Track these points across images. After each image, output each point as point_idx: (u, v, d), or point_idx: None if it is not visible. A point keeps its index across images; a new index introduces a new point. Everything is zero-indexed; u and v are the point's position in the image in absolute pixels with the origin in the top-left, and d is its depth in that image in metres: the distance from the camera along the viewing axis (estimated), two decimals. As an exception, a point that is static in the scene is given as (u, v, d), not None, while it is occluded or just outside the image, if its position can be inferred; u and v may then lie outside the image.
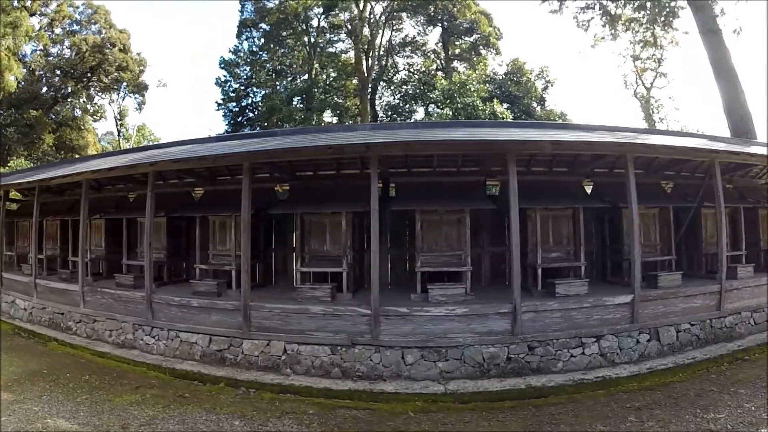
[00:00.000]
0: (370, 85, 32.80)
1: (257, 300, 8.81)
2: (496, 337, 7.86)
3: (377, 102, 36.78)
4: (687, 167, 11.58)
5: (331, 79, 34.75)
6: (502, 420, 6.31)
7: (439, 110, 28.24)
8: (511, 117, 25.39)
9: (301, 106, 33.09)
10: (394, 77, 37.38)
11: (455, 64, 36.09)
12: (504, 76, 32.66)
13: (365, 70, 32.50)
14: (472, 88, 25.80)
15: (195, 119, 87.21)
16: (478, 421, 6.30)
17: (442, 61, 37.31)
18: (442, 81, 26.63)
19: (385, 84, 36.46)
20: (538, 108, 32.75)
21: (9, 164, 28.36)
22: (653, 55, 33.99)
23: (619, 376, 7.55)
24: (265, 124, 32.99)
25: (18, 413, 6.58)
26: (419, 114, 33.67)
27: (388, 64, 36.10)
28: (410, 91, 35.98)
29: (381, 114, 34.69)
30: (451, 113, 23.45)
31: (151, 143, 14.08)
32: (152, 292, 9.63)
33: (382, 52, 34.12)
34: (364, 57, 33.10)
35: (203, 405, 7.05)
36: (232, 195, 10.92)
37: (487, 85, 30.67)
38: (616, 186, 9.99)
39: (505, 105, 27.81)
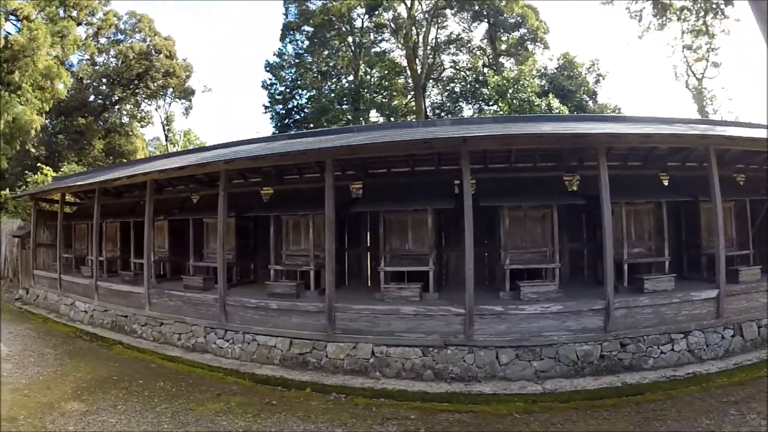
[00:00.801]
0: (422, 83, 32.09)
1: (340, 301, 8.24)
2: (589, 335, 7.56)
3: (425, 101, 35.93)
4: (757, 160, 10.82)
5: (379, 78, 34.28)
6: (608, 418, 6.08)
7: (490, 107, 27.42)
8: (567, 112, 24.37)
9: (347, 107, 32.75)
10: (441, 75, 36.64)
11: (502, 60, 35.17)
12: (556, 71, 31.58)
13: (417, 68, 31.81)
14: (526, 84, 24.87)
15: (239, 123, 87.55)
16: (585, 420, 6.05)
17: (489, 58, 36.40)
18: (495, 77, 25.71)
19: (432, 82, 35.81)
20: (590, 102, 31.53)
21: (62, 170, 28.60)
22: (707, 43, 32.43)
23: (708, 372, 7.35)
24: (311, 125, 32.64)
25: (93, 425, 6.06)
26: (467, 113, 32.99)
27: (435, 62, 35.41)
28: (457, 89, 35.14)
29: (429, 113, 33.98)
30: (507, 109, 22.57)
31: (210, 145, 13.85)
32: (226, 295, 9.14)
33: (428, 51, 33.41)
34: (413, 56, 32.48)
35: (296, 413, 6.49)
36: (303, 194, 10.86)
37: (538, 80, 29.71)
38: (690, 179, 9.93)
39: (558, 100, 26.72)
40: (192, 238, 11.10)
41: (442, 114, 33.18)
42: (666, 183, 10.86)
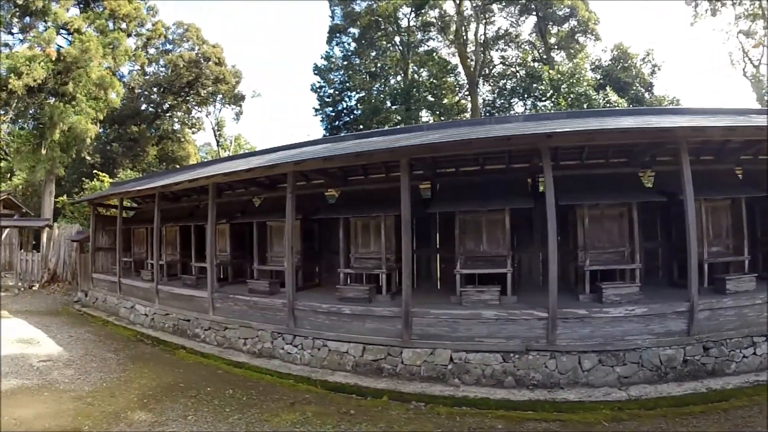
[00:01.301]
0: (476, 80, 31.38)
1: (415, 306, 7.79)
2: (672, 338, 7.17)
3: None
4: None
5: (430, 77, 33.78)
6: (697, 426, 5.80)
7: (543, 103, 26.57)
8: (625, 106, 23.34)
9: (397, 107, 32.31)
10: (492, 72, 35.82)
11: (553, 54, 34.14)
12: (610, 63, 30.39)
13: (470, 65, 31.14)
14: (582, 77, 23.99)
15: (288, 127, 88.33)
16: (675, 428, 5.76)
17: (540, 52, 35.44)
18: (550, 71, 24.90)
19: (482, 80, 35.03)
20: (647, 95, 30.17)
21: (118, 176, 29.28)
22: (765, 27, 30.63)
23: (792, 377, 6.92)
24: (362, 126, 32.32)
25: (164, 438, 5.76)
26: (519, 110, 31.97)
27: (485, 59, 34.65)
28: (508, 86, 34.21)
29: (481, 110, 33.25)
30: (565, 105, 21.73)
31: (270, 147, 13.70)
32: (294, 299, 8.83)
33: (478, 47, 32.69)
34: (464, 52, 31.82)
35: (377, 423, 6.10)
36: (371, 195, 10.72)
37: (592, 73, 28.69)
38: (763, 174, 9.22)
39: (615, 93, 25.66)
40: (256, 241, 10.86)
41: (494, 112, 32.34)
42: (740, 177, 10.14)
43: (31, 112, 28.64)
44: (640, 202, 8.55)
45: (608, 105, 21.69)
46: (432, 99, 31.06)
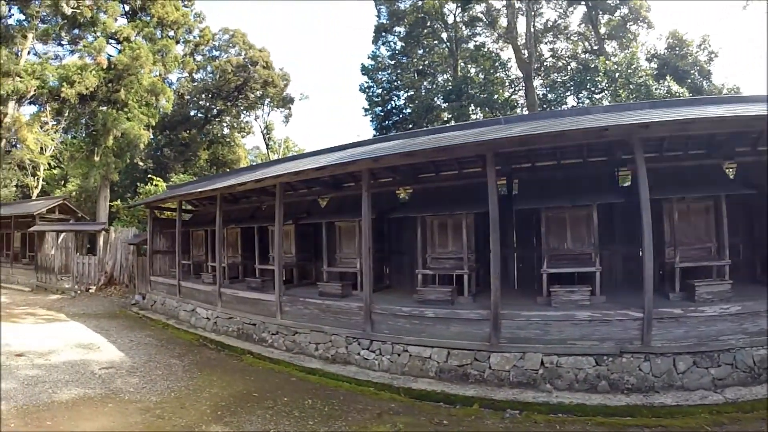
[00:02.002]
0: (532, 74, 30.43)
1: (505, 307, 7.35)
2: (764, 338, 6.74)
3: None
4: None
5: (480, 73, 33.00)
6: None
7: (598, 96, 25.59)
8: (687, 95, 22.25)
9: (450, 104, 31.61)
10: (542, 66, 34.79)
11: (604, 44, 32.84)
12: (666, 51, 29.06)
13: (525, 58, 30.24)
14: (638, 67, 22.95)
15: (337, 128, 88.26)
16: None
17: (591, 44, 34.20)
18: (606, 62, 23.90)
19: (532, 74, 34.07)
20: (705, 83, 28.75)
21: (171, 180, 29.71)
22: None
23: None
24: (411, 126, 31.68)
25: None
26: (572, 104, 30.91)
27: (535, 52, 33.64)
28: (560, 80, 33.23)
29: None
30: (625, 96, 20.79)
31: (335, 146, 13.47)
32: (371, 302, 8.47)
33: (527, 40, 31.72)
34: (516, 46, 30.95)
35: (478, 436, 5.64)
36: (446, 192, 10.39)
37: (648, 62, 27.49)
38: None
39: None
40: (325, 242, 10.57)
41: (547, 107, 31.26)
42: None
43: (83, 121, 29.38)
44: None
45: (668, 95, 20.69)
46: (484, 96, 30.29)
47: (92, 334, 11.74)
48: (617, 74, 22.94)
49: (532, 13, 32.32)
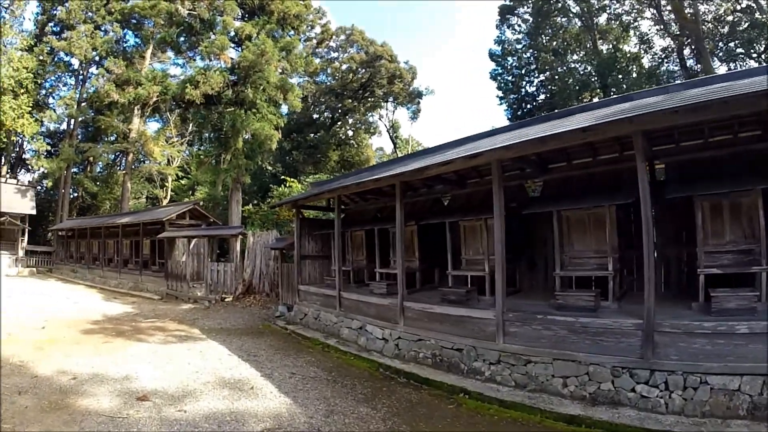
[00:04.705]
0: (701, 35, 25.73)
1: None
2: None
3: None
4: None
5: (619, 45, 29.19)
6: None
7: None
8: None
9: (592, 85, 28.28)
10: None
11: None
12: None
13: (690, 15, 25.66)
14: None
15: (464, 121, 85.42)
16: None
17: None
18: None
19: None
20: None
21: (305, 181, 28.59)
22: None
23: None
24: (544, 112, 28.21)
25: None
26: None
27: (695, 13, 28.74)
28: (720, 45, 27.94)
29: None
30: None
31: (474, 134, 11.35)
32: (652, 316, 5.97)
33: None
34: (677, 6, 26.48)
35: None
36: (579, 183, 9.45)
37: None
38: None
39: None
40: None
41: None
42: None
43: (209, 126, 29.06)
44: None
45: None
46: (634, 70, 26.24)
47: (238, 362, 9.26)
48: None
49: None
